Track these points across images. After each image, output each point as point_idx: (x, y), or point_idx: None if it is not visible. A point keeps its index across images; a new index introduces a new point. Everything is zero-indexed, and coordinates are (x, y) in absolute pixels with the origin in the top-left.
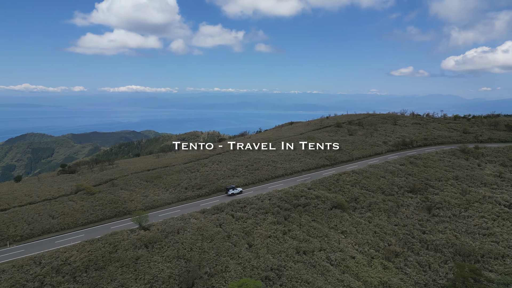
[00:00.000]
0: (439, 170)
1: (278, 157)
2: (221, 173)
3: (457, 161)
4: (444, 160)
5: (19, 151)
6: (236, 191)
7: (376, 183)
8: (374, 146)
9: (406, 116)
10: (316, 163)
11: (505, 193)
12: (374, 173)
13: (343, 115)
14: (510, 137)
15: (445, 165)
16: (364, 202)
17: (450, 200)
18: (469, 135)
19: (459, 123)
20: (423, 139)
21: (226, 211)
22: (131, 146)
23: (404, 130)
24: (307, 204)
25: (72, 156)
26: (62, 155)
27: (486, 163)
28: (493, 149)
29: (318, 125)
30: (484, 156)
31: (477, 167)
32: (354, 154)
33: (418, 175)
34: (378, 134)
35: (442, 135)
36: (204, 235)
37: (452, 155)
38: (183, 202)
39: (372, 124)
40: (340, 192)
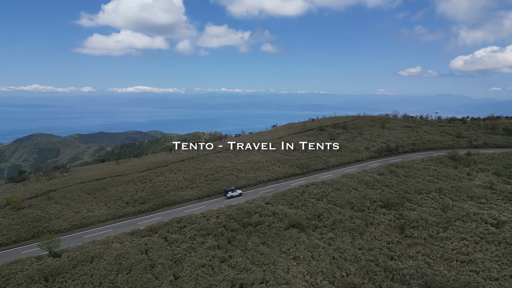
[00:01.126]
0: (421, 181)
1: (245, 165)
2: (174, 184)
3: (443, 170)
4: (429, 169)
5: (26, 151)
6: (236, 194)
7: (346, 197)
8: (354, 152)
9: (397, 119)
10: (285, 172)
11: (494, 209)
12: (346, 184)
13: (330, 118)
14: (508, 141)
15: (430, 175)
16: (328, 219)
17: (428, 218)
18: (462, 139)
19: (453, 126)
20: (411, 144)
21: (160, 233)
22: (133, 147)
23: (391, 134)
24: (259, 222)
25: (78, 157)
26: (68, 155)
27: (477, 171)
28: (487, 156)
29: (301, 128)
30: (476, 164)
31: (466, 176)
32: (330, 161)
33: (396, 187)
34: (362, 139)
35: (433, 139)
36: (122, 264)
37: (440, 162)
38: (120, 220)
39: (358, 128)
40: (303, 207)
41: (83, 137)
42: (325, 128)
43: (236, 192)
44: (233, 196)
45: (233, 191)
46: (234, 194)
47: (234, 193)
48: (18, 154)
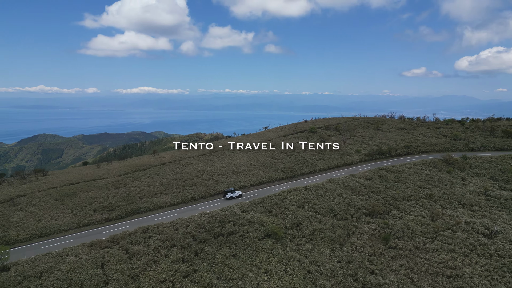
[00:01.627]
0: (411, 187)
1: (228, 169)
2: (149, 189)
3: (436, 175)
4: (421, 173)
5: (30, 152)
6: (235, 195)
7: (329, 204)
8: (344, 155)
9: (393, 120)
10: (269, 176)
11: (487, 217)
12: (330, 190)
13: (324, 119)
14: (507, 144)
15: (421, 180)
16: (307, 229)
17: (415, 227)
18: (459, 142)
19: (451, 128)
20: (405, 147)
21: (122, 244)
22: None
23: (385, 136)
24: (232, 232)
25: (81, 157)
26: (71, 156)
27: (473, 176)
28: (485, 159)
29: (292, 130)
30: (472, 168)
31: (460, 182)
32: (317, 165)
33: (383, 193)
34: (354, 141)
35: (428, 142)
36: (73, 280)
37: (433, 166)
38: (85, 229)
39: (351, 129)
40: (282, 215)
41: (87, 138)
42: (316, 130)
43: (236, 193)
44: (232, 197)
45: (233, 192)
46: (233, 195)
47: (234, 194)
48: (22, 154)
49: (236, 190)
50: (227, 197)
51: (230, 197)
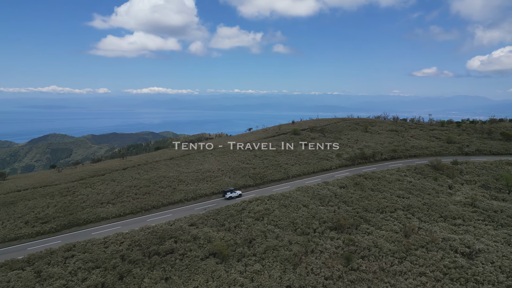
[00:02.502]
0: (389, 196)
1: (192, 174)
2: (97, 198)
3: (420, 182)
4: (403, 181)
5: (39, 152)
6: (235, 194)
7: (291, 216)
8: (323, 159)
9: (385, 121)
10: (234, 183)
11: (470, 233)
12: (297, 200)
13: (313, 120)
14: (505, 148)
15: (402, 188)
16: (260, 246)
17: (384, 245)
18: (452, 145)
19: (446, 130)
20: (391, 151)
21: (37, 265)
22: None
23: (373, 139)
24: (172, 250)
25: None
26: (79, 155)
27: (462, 184)
28: (478, 165)
29: (275, 132)
30: (462, 175)
31: (445, 190)
32: (292, 170)
33: (355, 204)
34: (338, 144)
35: (418, 145)
36: None
37: (418, 173)
38: (9, 244)
39: (338, 131)
40: (236, 229)
41: (96, 138)
42: (300, 131)
43: (236, 192)
44: (232, 197)
45: (232, 191)
46: (233, 194)
47: (233, 194)
48: (31, 154)
49: (236, 190)
50: (226, 197)
51: (230, 197)
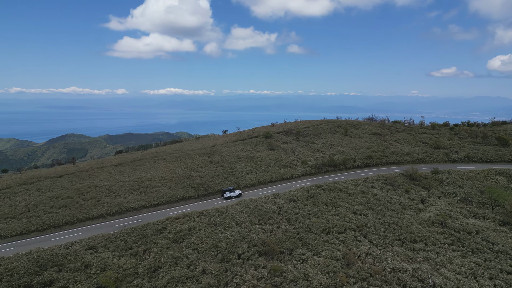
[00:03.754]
0: (344, 212)
1: (129, 184)
2: (5, 211)
3: (386, 196)
4: (367, 193)
5: (56, 151)
6: (234, 194)
7: (217, 237)
8: (285, 167)
9: (371, 124)
10: (172, 195)
11: (430, 261)
12: (232, 216)
13: (293, 122)
14: (498, 155)
15: (362, 202)
16: (163, 277)
17: (315, 277)
18: (439, 151)
19: (436, 133)
20: (367, 157)
21: None
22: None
23: (351, 144)
24: (49, 283)
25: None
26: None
27: (439, 197)
28: (462, 174)
29: (247, 135)
30: (442, 186)
31: (415, 205)
32: (245, 180)
33: (300, 222)
34: (308, 149)
35: (400, 151)
36: None
37: (389, 184)
38: None
39: (315, 135)
40: (145, 254)
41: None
42: (273, 135)
43: (235, 192)
44: (231, 196)
45: (232, 191)
46: (232, 194)
47: (233, 194)
48: (48, 153)
49: (236, 190)
50: (225, 197)
51: (229, 196)
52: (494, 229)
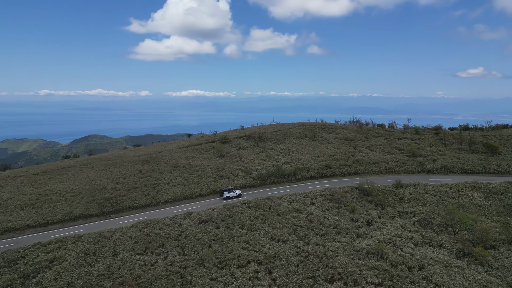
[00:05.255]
0: (259, 238)
1: (28, 197)
2: None
3: (324, 215)
4: (302, 212)
5: (77, 152)
6: (234, 194)
7: (77, 273)
8: (223, 178)
9: (348, 127)
10: (68, 212)
11: None
12: (113, 244)
13: (263, 126)
14: (482, 164)
15: (288, 224)
16: None
17: None
18: (414, 159)
19: (418, 138)
20: (324, 167)
21: None
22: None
23: (315, 150)
24: None
25: None
26: None
27: (393, 217)
28: (431, 188)
29: (204, 140)
30: (402, 203)
31: (355, 229)
32: (168, 193)
33: (195, 251)
34: (263, 156)
35: (366, 159)
36: None
37: (334, 200)
38: None
39: (278, 139)
40: None
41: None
42: (231, 139)
43: (235, 192)
44: (230, 197)
45: (231, 191)
46: (231, 194)
47: (232, 193)
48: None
49: (235, 189)
50: (223, 197)
51: (227, 196)
52: (446, 263)
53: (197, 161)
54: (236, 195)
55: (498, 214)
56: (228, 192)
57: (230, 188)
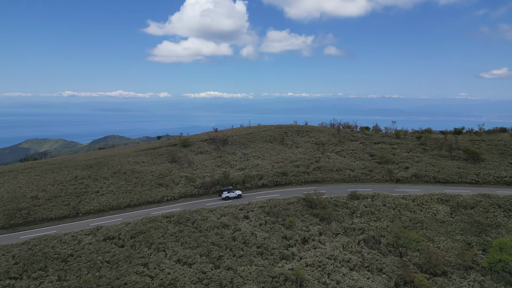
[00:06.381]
0: (159, 260)
1: None
2: None
3: (251, 232)
4: (229, 228)
5: None
6: (233, 195)
7: None
8: (162, 186)
9: (324, 130)
10: None
11: None
12: None
13: (239, 128)
14: (460, 174)
15: (206, 243)
16: None
17: None
18: (383, 167)
19: (398, 143)
20: (280, 174)
21: None
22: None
23: (279, 155)
24: None
25: None
26: None
27: (336, 234)
28: (390, 201)
29: (168, 143)
30: (352, 217)
31: (283, 249)
32: (90, 204)
33: (77, 277)
34: (216, 162)
35: (330, 166)
36: None
37: (270, 213)
38: None
39: (243, 143)
40: None
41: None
42: (194, 143)
43: (234, 192)
44: (229, 197)
45: (230, 191)
46: (231, 194)
47: (231, 194)
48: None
49: (235, 190)
50: (222, 197)
51: (226, 197)
52: None
53: (144, 167)
54: (235, 195)
55: (462, 233)
56: (227, 192)
57: (230, 188)
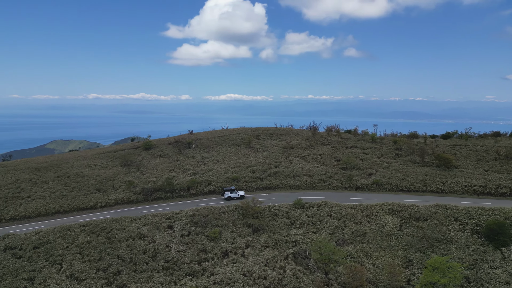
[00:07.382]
0: (51, 275)
1: None
2: None
3: (166, 244)
4: (144, 240)
5: None
6: (236, 195)
7: None
8: (99, 191)
9: (299, 134)
10: None
11: None
12: None
13: (217, 130)
14: (425, 181)
15: (112, 256)
16: None
17: None
18: (345, 173)
19: (373, 147)
20: (229, 180)
21: None
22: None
23: (240, 159)
24: None
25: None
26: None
27: (265, 247)
28: (337, 211)
29: (132, 145)
30: (289, 228)
31: (195, 265)
32: (16, 210)
33: None
34: (169, 166)
35: (286, 172)
36: None
37: (197, 224)
38: None
39: (208, 146)
40: None
41: None
42: (156, 146)
43: (237, 193)
44: (231, 197)
45: (233, 191)
46: (233, 195)
47: (234, 194)
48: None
49: (239, 190)
50: (225, 197)
51: (229, 197)
52: None
53: (92, 170)
54: (238, 196)
55: (406, 248)
56: (229, 193)
57: (233, 188)
